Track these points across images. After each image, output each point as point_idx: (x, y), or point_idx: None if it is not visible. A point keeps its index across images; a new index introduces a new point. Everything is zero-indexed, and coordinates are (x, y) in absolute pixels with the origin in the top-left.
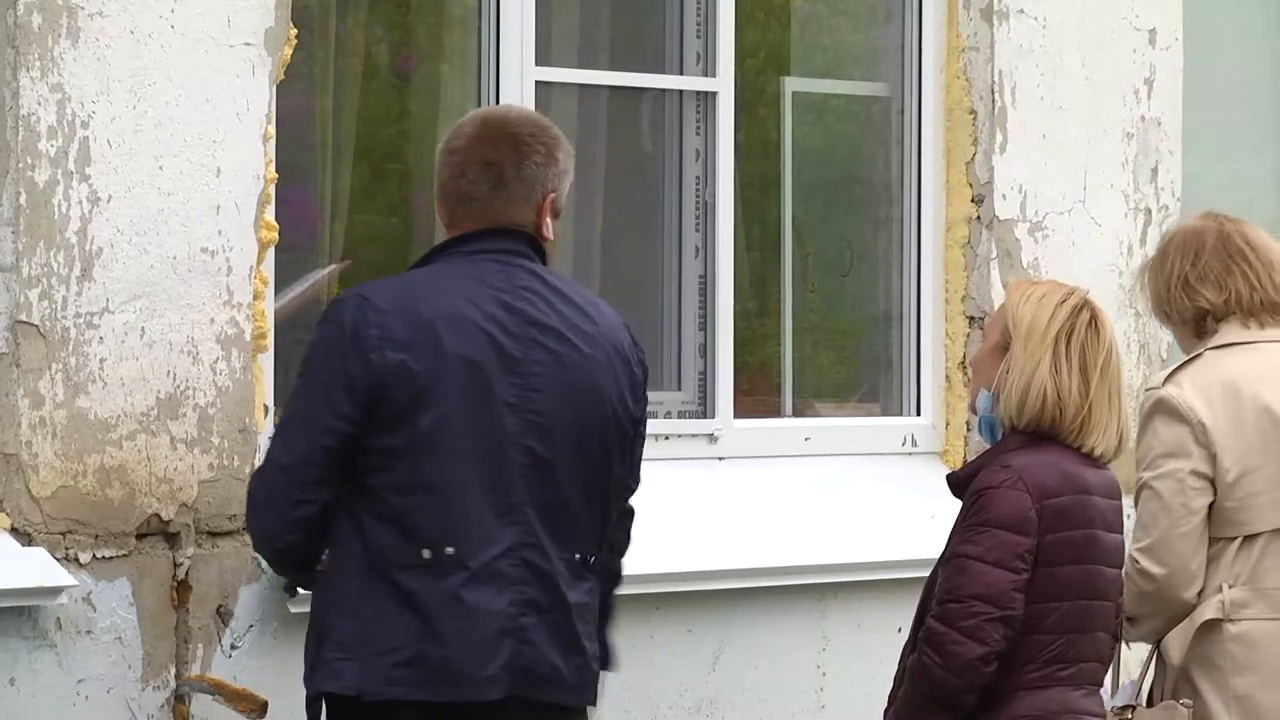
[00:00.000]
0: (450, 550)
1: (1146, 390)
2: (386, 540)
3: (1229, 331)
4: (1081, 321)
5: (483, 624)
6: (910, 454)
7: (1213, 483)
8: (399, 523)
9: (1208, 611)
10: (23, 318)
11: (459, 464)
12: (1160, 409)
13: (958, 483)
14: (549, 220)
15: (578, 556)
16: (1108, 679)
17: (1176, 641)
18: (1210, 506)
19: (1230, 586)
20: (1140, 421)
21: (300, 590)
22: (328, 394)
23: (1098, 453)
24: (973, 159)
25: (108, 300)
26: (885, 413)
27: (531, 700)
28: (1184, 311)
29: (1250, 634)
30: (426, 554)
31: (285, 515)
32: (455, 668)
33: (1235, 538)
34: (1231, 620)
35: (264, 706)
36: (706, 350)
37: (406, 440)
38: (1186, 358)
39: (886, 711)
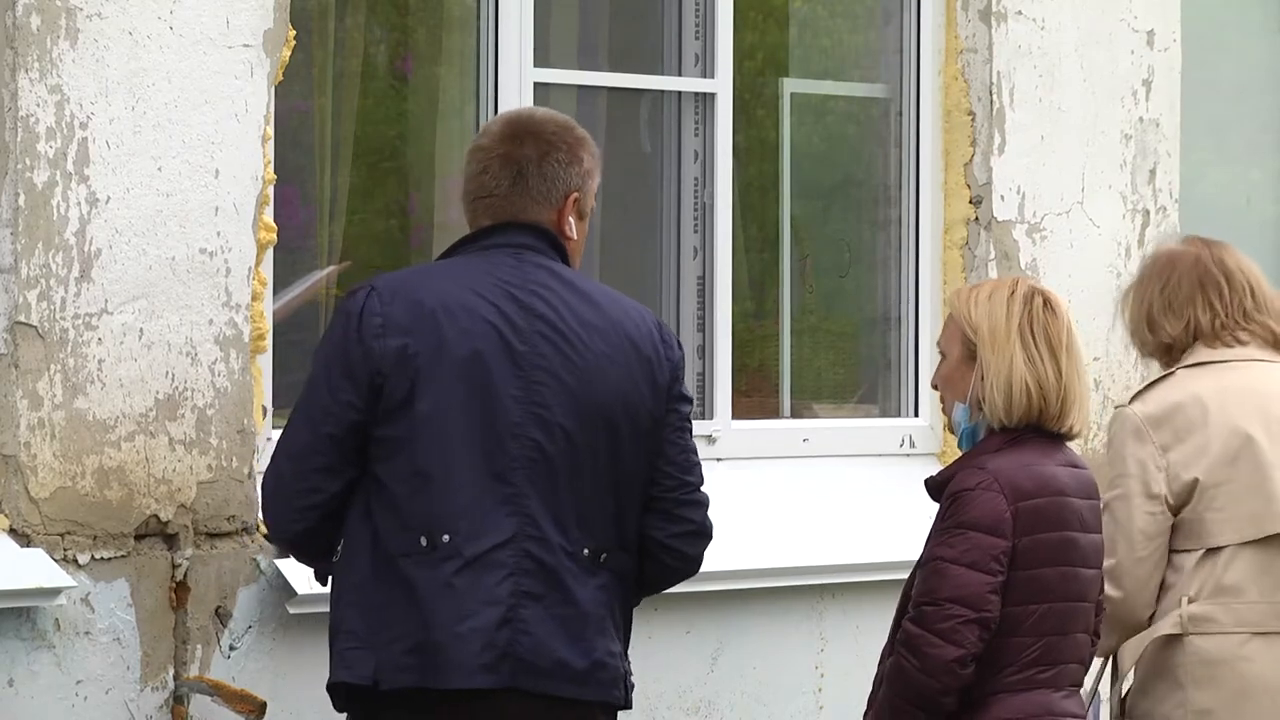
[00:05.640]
0: (446, 538)
1: (1115, 408)
2: (389, 527)
3: (1199, 352)
4: (1036, 307)
5: (476, 612)
6: (908, 455)
7: (1169, 501)
8: (399, 510)
9: (1165, 626)
10: (21, 319)
11: (455, 451)
12: (1124, 428)
13: (935, 485)
14: (572, 220)
15: (586, 551)
16: (1088, 680)
17: (1130, 651)
18: (1172, 523)
19: (1190, 601)
20: (1108, 439)
21: (323, 581)
22: (329, 380)
23: (1075, 429)
24: (971, 160)
25: (106, 301)
26: (883, 414)
27: (536, 693)
28: (1147, 345)
29: (1212, 649)
30: (424, 541)
31: (292, 504)
32: (444, 655)
33: (1196, 549)
34: (1193, 635)
35: (263, 707)
36: (705, 351)
37: (407, 429)
38: (1157, 376)
39: (866, 714)
